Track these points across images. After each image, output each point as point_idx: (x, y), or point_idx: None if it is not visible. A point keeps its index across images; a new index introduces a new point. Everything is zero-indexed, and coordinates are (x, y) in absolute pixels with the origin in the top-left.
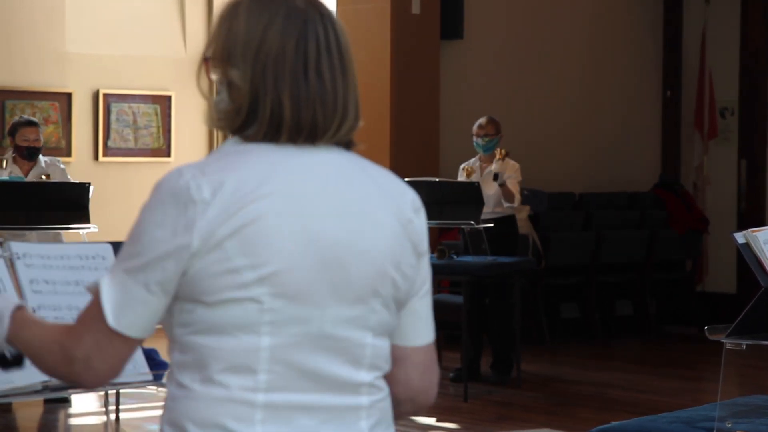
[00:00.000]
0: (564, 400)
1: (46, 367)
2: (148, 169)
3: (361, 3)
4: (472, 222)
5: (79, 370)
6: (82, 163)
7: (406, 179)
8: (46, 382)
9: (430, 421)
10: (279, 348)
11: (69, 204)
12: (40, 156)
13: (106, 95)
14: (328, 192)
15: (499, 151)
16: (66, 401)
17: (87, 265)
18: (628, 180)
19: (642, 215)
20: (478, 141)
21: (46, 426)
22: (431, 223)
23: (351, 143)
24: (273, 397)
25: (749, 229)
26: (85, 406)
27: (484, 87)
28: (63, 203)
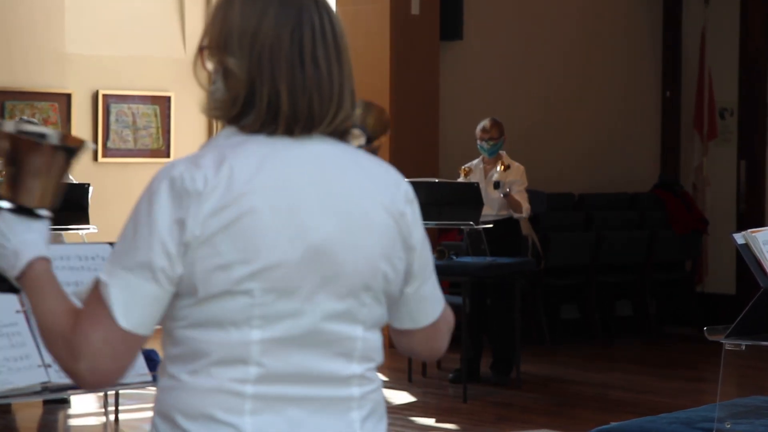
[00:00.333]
0: (564, 400)
1: (49, 349)
2: (147, 169)
3: (360, 4)
4: (472, 223)
5: (85, 370)
6: (81, 163)
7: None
8: (45, 383)
9: (430, 421)
10: (269, 342)
11: (68, 205)
12: None
13: (105, 96)
14: (321, 186)
15: (501, 163)
16: (65, 402)
17: (86, 265)
18: (628, 180)
19: (642, 216)
20: (482, 144)
21: (45, 427)
22: (430, 223)
23: (346, 132)
24: (263, 388)
25: (749, 230)
26: (84, 407)
27: (484, 88)
28: (62, 204)
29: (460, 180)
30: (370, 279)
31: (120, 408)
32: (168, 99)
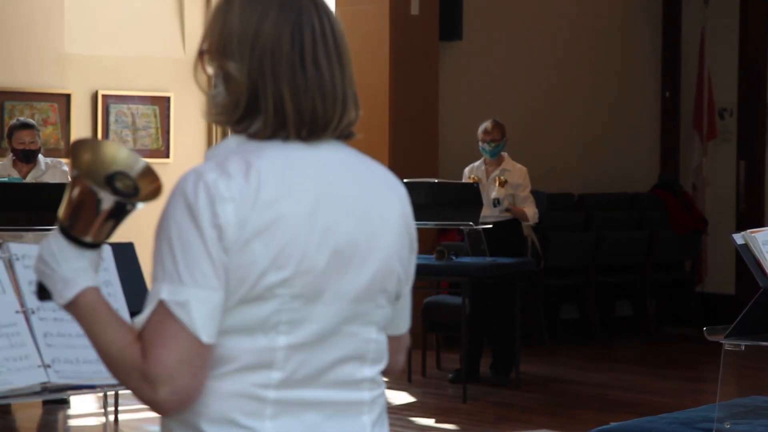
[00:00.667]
0: (563, 401)
1: (124, 382)
2: None
3: (360, 4)
4: (471, 223)
5: (166, 395)
6: None
7: (404, 180)
8: (45, 383)
9: (430, 422)
10: (293, 347)
11: None
12: (41, 157)
13: (104, 96)
14: (339, 190)
15: (497, 179)
16: (65, 402)
17: None
18: (628, 181)
19: (641, 216)
20: (484, 146)
21: (45, 427)
22: (430, 224)
23: (351, 135)
24: (283, 393)
25: (748, 230)
26: (84, 407)
27: (483, 88)
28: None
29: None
30: (386, 281)
31: (120, 408)
32: (167, 99)
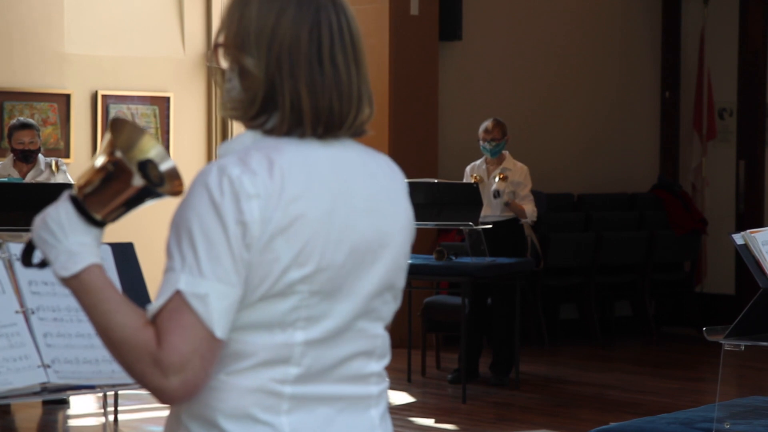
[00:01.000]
0: (563, 401)
1: (130, 365)
2: None
3: (359, 4)
4: (471, 223)
5: (176, 384)
6: (80, 164)
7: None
8: (44, 383)
9: (429, 422)
10: (310, 342)
11: None
12: (41, 157)
13: (104, 96)
14: (357, 189)
15: (499, 174)
16: (65, 402)
17: None
18: (627, 181)
19: (641, 216)
20: (485, 145)
21: (45, 427)
22: (430, 224)
23: (364, 132)
24: (299, 388)
25: (748, 230)
26: (83, 408)
27: (483, 88)
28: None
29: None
30: (395, 277)
31: (119, 408)
32: (167, 99)
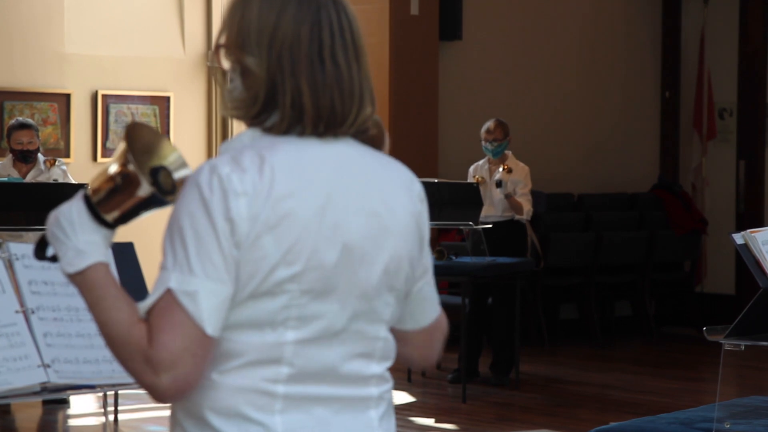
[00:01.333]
0: (563, 401)
1: (124, 363)
2: None
3: (359, 4)
4: (471, 223)
5: (167, 382)
6: (80, 164)
7: None
8: (44, 383)
9: (429, 422)
10: (301, 342)
11: None
12: (41, 157)
13: (104, 96)
14: (351, 186)
15: (504, 164)
16: (65, 402)
17: None
18: (627, 181)
19: (641, 216)
20: (486, 146)
21: (45, 427)
22: (430, 224)
23: (367, 131)
24: (293, 388)
25: (748, 230)
26: (83, 407)
27: (483, 88)
28: (61, 204)
29: (471, 180)
30: (395, 279)
31: (119, 408)
32: (167, 99)
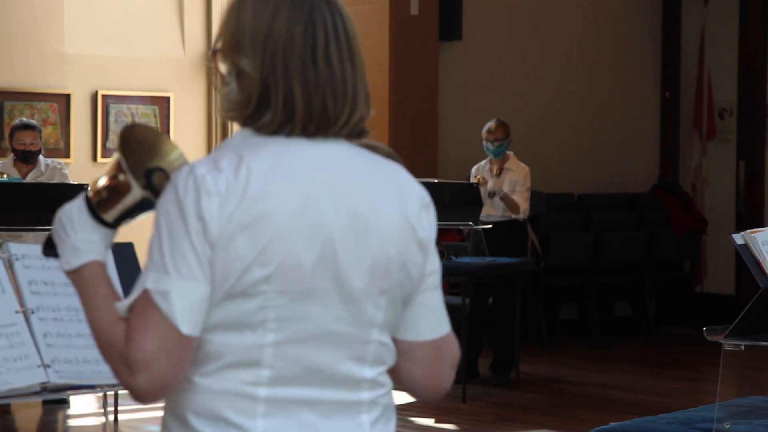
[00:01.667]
0: (563, 401)
1: (106, 361)
2: None
3: (359, 4)
4: (471, 223)
5: (143, 382)
6: (80, 164)
7: None
8: (44, 383)
9: (429, 422)
10: (283, 344)
11: None
12: (41, 158)
13: (104, 96)
14: (334, 186)
15: (495, 168)
16: (65, 402)
17: None
18: (627, 181)
19: (641, 216)
20: (488, 146)
21: (45, 427)
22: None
23: (363, 132)
24: (275, 391)
25: (748, 230)
26: (83, 407)
27: (483, 88)
28: (62, 204)
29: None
30: (385, 282)
31: (119, 408)
32: (167, 99)
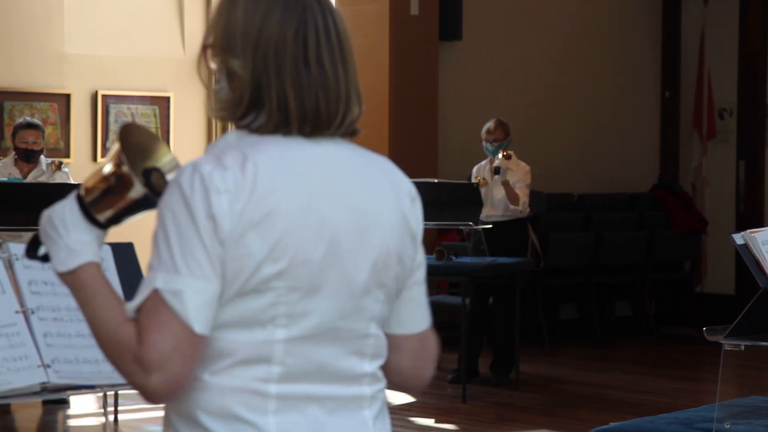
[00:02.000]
0: (563, 401)
1: (115, 363)
2: None
3: (360, 4)
4: (471, 223)
5: (158, 383)
6: (80, 164)
7: None
8: (44, 383)
9: (429, 422)
10: (292, 340)
11: None
12: (43, 158)
13: (104, 96)
14: (336, 184)
15: (503, 152)
16: (65, 402)
17: None
18: (627, 181)
19: (641, 216)
20: (487, 146)
21: (44, 427)
22: (430, 224)
23: (356, 131)
24: (285, 387)
25: (748, 230)
26: (83, 408)
27: (483, 88)
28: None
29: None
30: (384, 276)
31: (119, 408)
32: (167, 99)
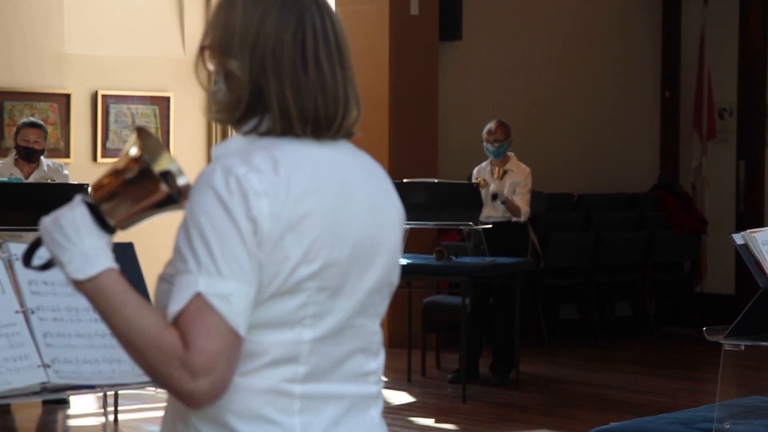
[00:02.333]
0: (563, 401)
1: (158, 370)
2: None
3: (359, 4)
4: (471, 223)
5: (205, 386)
6: (80, 164)
7: (404, 180)
8: (44, 383)
9: (429, 422)
10: (317, 340)
11: None
12: (43, 159)
13: (104, 96)
14: (357, 187)
15: (497, 171)
16: (65, 402)
17: None
18: (627, 181)
19: (641, 216)
20: (488, 147)
21: (44, 427)
22: (430, 224)
23: (353, 133)
24: (309, 387)
25: (748, 230)
26: (83, 408)
27: (483, 88)
28: (62, 205)
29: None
30: (392, 274)
31: (119, 408)
32: (167, 99)
